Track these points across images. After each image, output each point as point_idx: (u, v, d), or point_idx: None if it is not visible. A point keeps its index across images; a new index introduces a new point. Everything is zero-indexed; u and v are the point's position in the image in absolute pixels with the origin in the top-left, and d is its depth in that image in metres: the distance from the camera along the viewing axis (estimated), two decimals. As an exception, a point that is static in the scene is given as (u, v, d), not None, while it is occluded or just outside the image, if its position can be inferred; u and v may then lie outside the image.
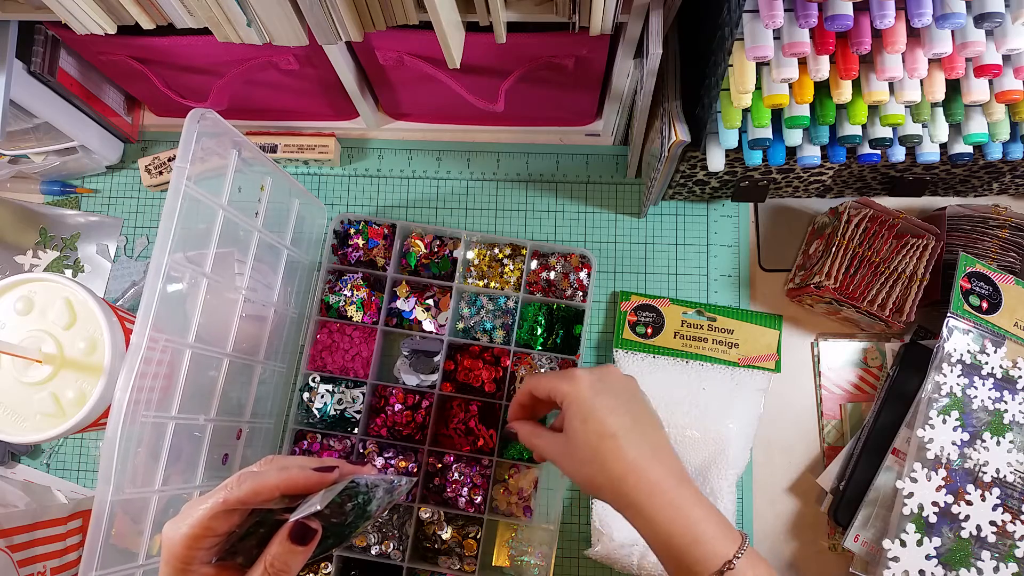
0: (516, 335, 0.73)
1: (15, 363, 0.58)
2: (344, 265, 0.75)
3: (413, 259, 0.75)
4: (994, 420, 0.68)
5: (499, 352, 0.74)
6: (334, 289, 0.75)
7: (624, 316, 0.76)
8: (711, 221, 0.80)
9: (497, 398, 0.73)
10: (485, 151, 0.82)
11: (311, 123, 0.83)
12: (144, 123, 0.84)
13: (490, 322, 0.74)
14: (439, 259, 0.75)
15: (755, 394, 0.74)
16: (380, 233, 0.76)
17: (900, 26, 0.51)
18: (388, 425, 0.73)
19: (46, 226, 0.82)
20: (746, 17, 0.53)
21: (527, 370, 0.73)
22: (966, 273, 0.70)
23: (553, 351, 0.74)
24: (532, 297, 0.74)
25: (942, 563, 0.65)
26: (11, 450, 0.76)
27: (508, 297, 0.75)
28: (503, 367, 0.73)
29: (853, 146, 0.62)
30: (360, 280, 0.75)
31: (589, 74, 0.70)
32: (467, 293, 0.75)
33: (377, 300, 0.75)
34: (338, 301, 0.75)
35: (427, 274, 0.75)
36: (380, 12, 0.58)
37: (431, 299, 0.75)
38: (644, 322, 0.76)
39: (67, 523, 0.71)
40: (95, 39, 0.63)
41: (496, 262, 0.75)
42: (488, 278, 0.75)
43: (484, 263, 0.75)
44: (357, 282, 0.75)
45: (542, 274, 0.75)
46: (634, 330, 0.76)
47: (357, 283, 0.75)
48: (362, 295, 0.74)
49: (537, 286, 0.75)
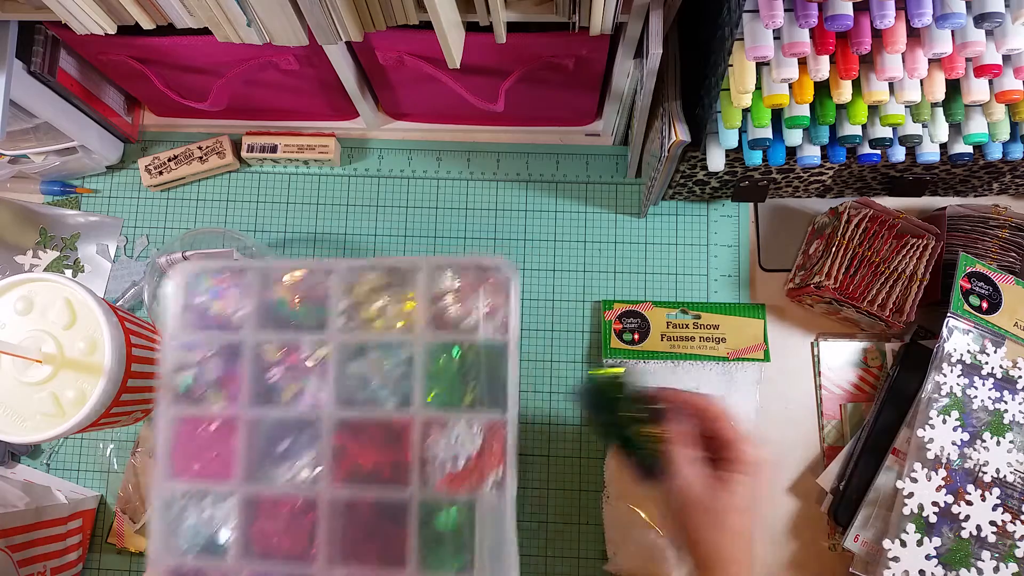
0: (424, 395, 0.52)
1: (15, 363, 0.58)
2: (194, 332, 0.55)
3: (284, 308, 0.55)
4: (994, 420, 0.68)
5: (399, 424, 0.53)
6: (182, 366, 0.55)
7: (609, 325, 0.76)
8: (711, 221, 0.80)
9: (401, 488, 0.51)
10: (485, 151, 0.82)
11: (311, 123, 0.83)
12: (144, 123, 0.84)
13: (385, 385, 0.54)
14: (314, 304, 0.55)
15: (750, 387, 0.74)
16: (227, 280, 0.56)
17: (900, 26, 0.51)
18: (270, 542, 0.53)
19: (46, 226, 0.82)
20: (746, 17, 0.53)
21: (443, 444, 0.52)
22: (966, 273, 0.70)
23: (475, 408, 0.52)
24: (438, 337, 0.53)
25: (942, 563, 0.65)
26: (11, 450, 0.76)
27: (407, 344, 0.54)
28: (406, 443, 0.52)
29: (853, 146, 0.62)
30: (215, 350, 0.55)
31: (589, 74, 0.70)
32: (351, 345, 0.55)
33: (238, 374, 0.54)
34: (188, 381, 0.55)
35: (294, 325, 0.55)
36: (380, 12, 0.58)
37: (306, 360, 0.55)
38: (630, 328, 0.76)
39: (67, 523, 0.71)
40: (95, 39, 0.63)
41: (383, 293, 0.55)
42: (375, 320, 0.54)
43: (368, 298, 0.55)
44: (210, 354, 0.55)
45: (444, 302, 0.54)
46: (621, 338, 0.76)
47: (210, 355, 0.55)
48: (217, 370, 0.55)
49: (443, 321, 0.54)
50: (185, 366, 0.55)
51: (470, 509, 0.50)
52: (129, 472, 0.75)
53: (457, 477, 0.51)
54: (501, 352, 0.53)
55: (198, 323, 0.55)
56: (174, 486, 0.54)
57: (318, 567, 0.51)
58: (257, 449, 0.55)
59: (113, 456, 0.76)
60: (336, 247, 0.80)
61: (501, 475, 0.50)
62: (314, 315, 0.55)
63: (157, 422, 0.54)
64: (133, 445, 0.76)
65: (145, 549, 0.74)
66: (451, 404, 0.52)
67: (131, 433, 0.77)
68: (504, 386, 0.52)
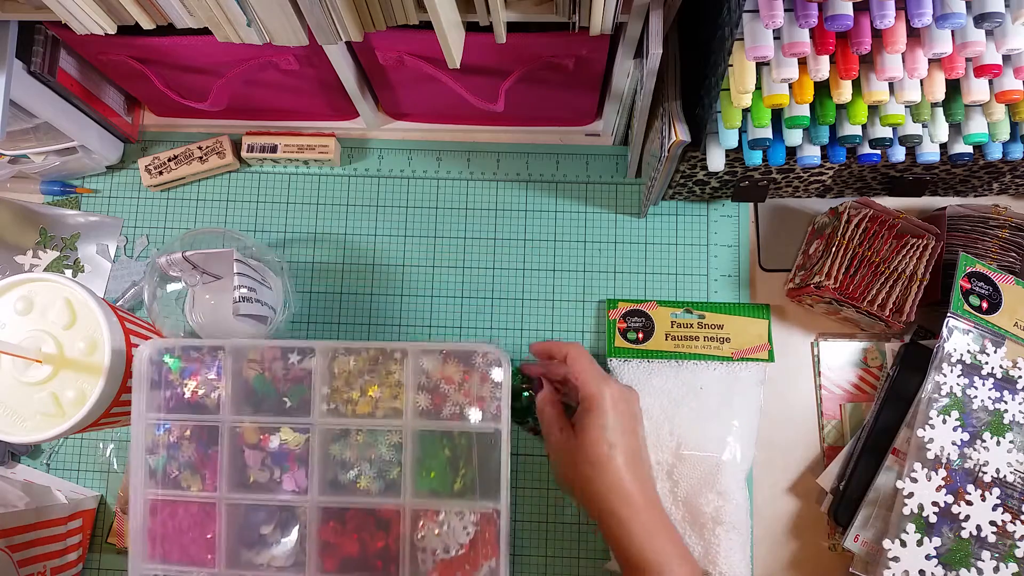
0: (415, 480, 0.52)
1: (15, 363, 0.58)
2: (164, 413, 0.55)
3: (262, 386, 0.55)
4: (994, 420, 0.68)
5: (387, 512, 0.52)
6: (154, 446, 0.55)
7: (614, 324, 0.76)
8: (711, 221, 0.80)
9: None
10: (485, 151, 0.82)
11: (311, 123, 0.83)
12: (144, 123, 0.84)
13: (370, 469, 0.53)
14: (292, 383, 0.54)
15: (754, 387, 0.74)
16: (199, 358, 0.56)
17: (900, 26, 0.51)
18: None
19: (46, 226, 0.82)
20: (746, 17, 0.53)
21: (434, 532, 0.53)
22: (966, 273, 0.70)
23: (466, 497, 0.53)
24: (427, 424, 0.54)
25: (942, 563, 0.65)
26: (11, 450, 0.76)
27: (392, 428, 0.54)
28: (394, 532, 0.52)
29: (853, 146, 0.62)
30: (188, 432, 0.54)
31: (589, 74, 0.70)
32: (334, 430, 0.54)
33: (214, 455, 0.54)
34: (161, 463, 0.54)
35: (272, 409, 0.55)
36: (380, 12, 0.58)
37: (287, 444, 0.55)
38: (634, 328, 0.76)
39: (67, 523, 0.71)
40: (95, 39, 0.63)
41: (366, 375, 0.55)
42: (358, 403, 0.54)
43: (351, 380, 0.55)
44: (182, 435, 0.54)
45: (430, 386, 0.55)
46: (625, 337, 0.76)
47: (182, 437, 0.54)
48: (191, 453, 0.54)
49: (431, 407, 0.54)
50: (157, 447, 0.54)
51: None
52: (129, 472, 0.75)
53: (449, 566, 0.51)
54: (493, 440, 0.52)
55: (169, 402, 0.54)
56: (151, 569, 0.52)
57: None
58: (238, 533, 0.53)
59: (113, 456, 0.76)
60: (336, 247, 0.80)
61: (494, 565, 0.51)
62: (295, 395, 0.53)
63: (131, 501, 0.53)
64: (133, 445, 0.76)
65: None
66: (441, 491, 0.51)
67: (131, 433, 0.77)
68: (497, 476, 0.51)
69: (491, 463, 0.52)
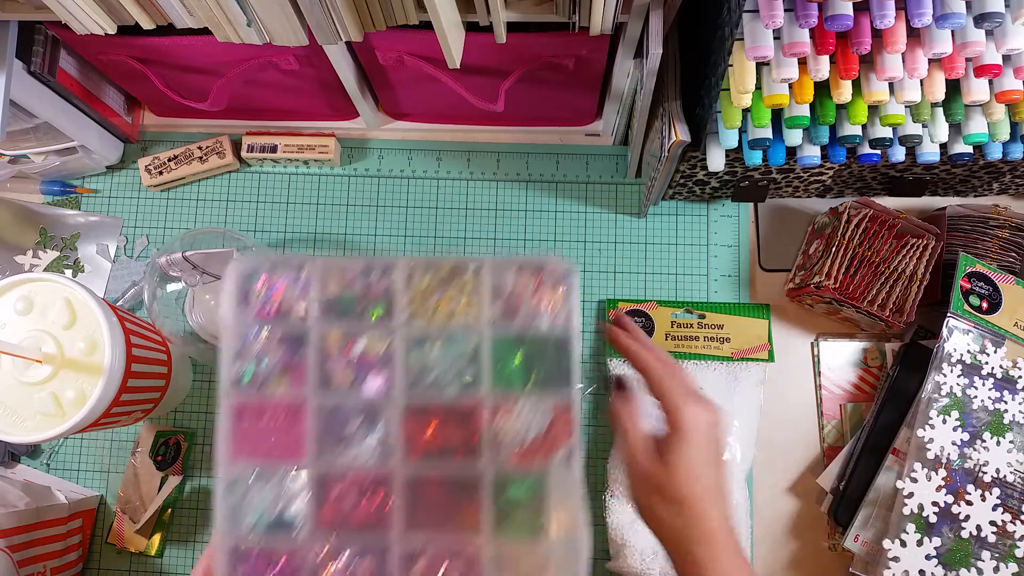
0: (491, 379, 0.57)
1: (15, 363, 0.58)
2: (253, 323, 0.58)
3: (343, 303, 0.59)
4: (994, 420, 0.68)
5: (468, 406, 0.57)
6: (241, 355, 0.58)
7: None
8: (711, 221, 0.80)
9: (472, 464, 0.56)
10: (485, 151, 0.82)
11: (311, 123, 0.83)
12: (144, 123, 0.84)
13: (448, 374, 0.58)
14: (373, 299, 0.58)
15: (754, 388, 0.74)
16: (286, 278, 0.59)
17: (900, 26, 0.51)
18: (341, 519, 0.56)
19: (46, 226, 0.82)
20: (746, 17, 0.53)
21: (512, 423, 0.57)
22: (966, 273, 0.70)
23: (540, 390, 0.57)
24: (502, 328, 0.57)
25: (942, 563, 0.65)
26: (11, 450, 0.76)
27: (469, 333, 0.58)
28: (475, 424, 0.56)
29: (853, 146, 0.62)
30: (275, 340, 0.58)
31: (589, 74, 0.70)
32: (414, 338, 0.58)
33: (301, 362, 0.58)
34: (249, 369, 0.58)
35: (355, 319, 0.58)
36: (380, 12, 0.58)
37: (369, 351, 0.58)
38: None
39: (67, 523, 0.71)
40: (95, 39, 0.63)
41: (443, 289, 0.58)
42: (436, 313, 0.58)
43: (428, 294, 0.58)
44: (270, 343, 0.58)
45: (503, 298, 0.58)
46: None
47: (270, 345, 0.58)
48: (278, 359, 0.58)
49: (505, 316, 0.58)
50: (245, 356, 0.57)
51: (541, 481, 0.53)
52: (129, 472, 0.75)
53: (527, 452, 0.54)
54: (564, 343, 0.56)
55: (255, 314, 0.57)
56: (238, 467, 0.55)
57: (393, 536, 0.54)
58: (325, 431, 0.57)
59: (113, 456, 0.76)
60: (336, 247, 0.80)
61: (570, 448, 0.53)
62: (375, 309, 0.57)
63: (220, 407, 0.56)
64: (133, 445, 0.76)
65: (148, 550, 0.74)
66: (516, 388, 0.56)
67: (131, 433, 0.77)
68: (568, 374, 0.55)
69: (562, 363, 0.56)
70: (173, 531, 0.75)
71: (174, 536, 0.75)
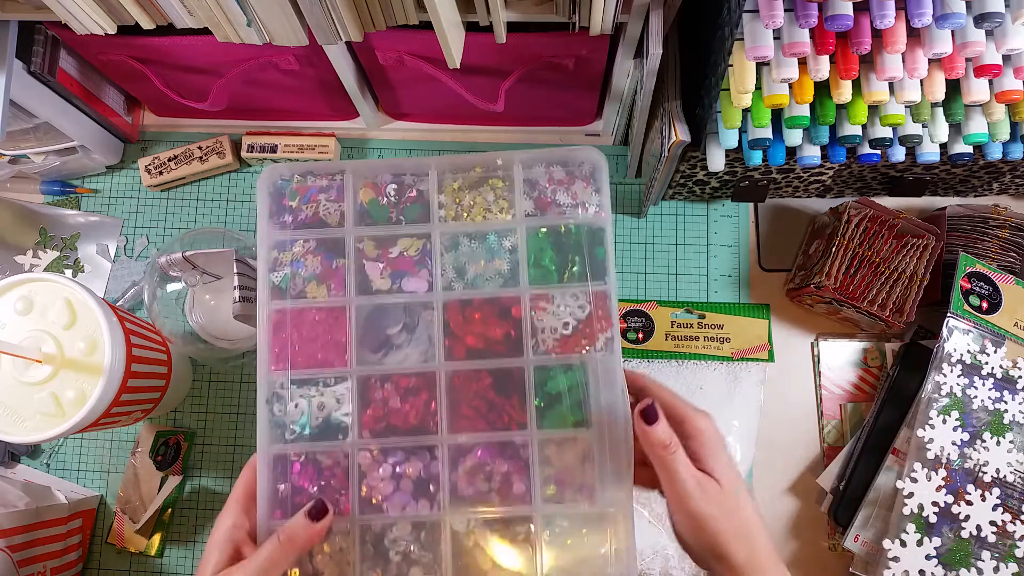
0: (528, 273, 0.57)
1: (15, 363, 0.58)
2: (288, 231, 0.58)
3: (376, 210, 0.59)
4: (994, 420, 0.68)
5: (507, 301, 0.57)
6: (278, 265, 0.58)
7: None
8: (711, 221, 0.80)
9: (513, 358, 0.56)
10: (485, 151, 0.82)
11: (311, 123, 0.83)
12: (144, 123, 0.84)
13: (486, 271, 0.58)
14: (406, 204, 0.59)
15: (754, 387, 0.74)
16: (319, 186, 0.59)
17: (900, 26, 0.51)
18: (386, 422, 0.57)
19: (46, 226, 0.82)
20: (746, 17, 0.53)
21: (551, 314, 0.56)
22: (966, 273, 0.70)
23: (577, 281, 0.57)
24: (535, 223, 0.58)
25: (942, 563, 0.65)
26: (11, 450, 0.76)
27: (506, 231, 0.58)
28: (515, 318, 0.56)
29: (853, 146, 0.62)
30: (312, 246, 0.58)
31: (589, 74, 0.70)
32: (449, 235, 0.58)
33: (339, 268, 0.58)
34: (286, 279, 0.58)
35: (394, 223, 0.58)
36: (380, 12, 0.58)
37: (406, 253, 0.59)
38: (634, 328, 0.76)
39: (67, 523, 0.71)
40: (95, 39, 0.63)
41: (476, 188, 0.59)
42: (471, 212, 0.58)
43: (462, 195, 0.59)
44: (307, 250, 0.58)
45: (534, 193, 0.59)
46: (625, 336, 0.76)
47: (307, 252, 0.58)
48: (316, 266, 0.58)
49: (539, 208, 0.58)
50: (281, 264, 0.57)
51: (582, 369, 0.54)
52: (129, 472, 0.75)
53: (568, 342, 0.55)
54: (598, 232, 0.56)
55: (290, 223, 0.58)
56: (280, 376, 0.55)
57: (439, 436, 0.54)
58: (366, 334, 0.58)
59: (113, 456, 0.76)
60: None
61: (609, 336, 0.54)
62: (410, 212, 0.58)
63: (259, 317, 0.56)
64: (133, 445, 0.76)
65: (148, 550, 0.74)
66: (554, 280, 0.56)
67: (131, 433, 0.77)
68: (604, 263, 0.56)
69: (597, 253, 0.56)
70: (173, 531, 0.75)
71: (174, 536, 0.75)
